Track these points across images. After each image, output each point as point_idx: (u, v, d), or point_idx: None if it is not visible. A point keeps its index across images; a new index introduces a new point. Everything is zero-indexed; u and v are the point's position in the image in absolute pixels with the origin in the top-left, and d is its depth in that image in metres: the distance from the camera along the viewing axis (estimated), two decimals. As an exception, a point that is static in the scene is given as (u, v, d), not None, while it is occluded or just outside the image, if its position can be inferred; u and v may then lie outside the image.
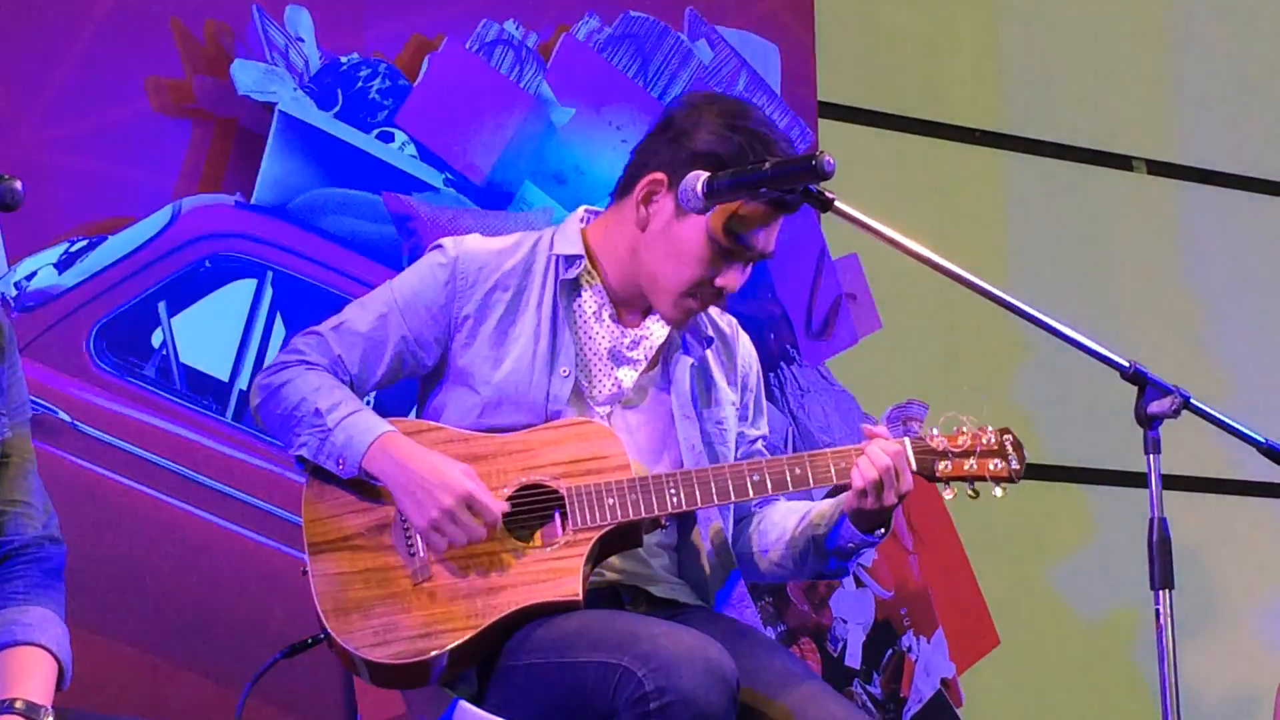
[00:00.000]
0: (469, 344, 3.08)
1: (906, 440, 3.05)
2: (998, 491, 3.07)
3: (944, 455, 3.05)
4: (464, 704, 2.94)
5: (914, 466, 3.04)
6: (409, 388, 3.34)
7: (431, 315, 3.08)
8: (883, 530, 3.08)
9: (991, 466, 3.06)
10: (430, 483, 2.91)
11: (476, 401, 3.06)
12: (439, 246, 3.14)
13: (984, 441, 3.07)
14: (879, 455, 2.98)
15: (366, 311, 3.10)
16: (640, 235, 3.08)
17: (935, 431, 3.07)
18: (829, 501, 3.14)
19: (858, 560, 3.20)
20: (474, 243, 3.15)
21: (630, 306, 3.14)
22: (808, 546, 3.15)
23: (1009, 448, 3.09)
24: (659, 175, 3.06)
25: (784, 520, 3.20)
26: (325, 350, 3.06)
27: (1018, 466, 3.09)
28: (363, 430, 2.96)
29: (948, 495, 3.07)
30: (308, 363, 3.03)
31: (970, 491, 3.07)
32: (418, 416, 3.16)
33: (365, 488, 2.99)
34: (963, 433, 3.07)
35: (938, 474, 3.05)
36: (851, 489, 2.99)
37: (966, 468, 3.06)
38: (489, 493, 2.93)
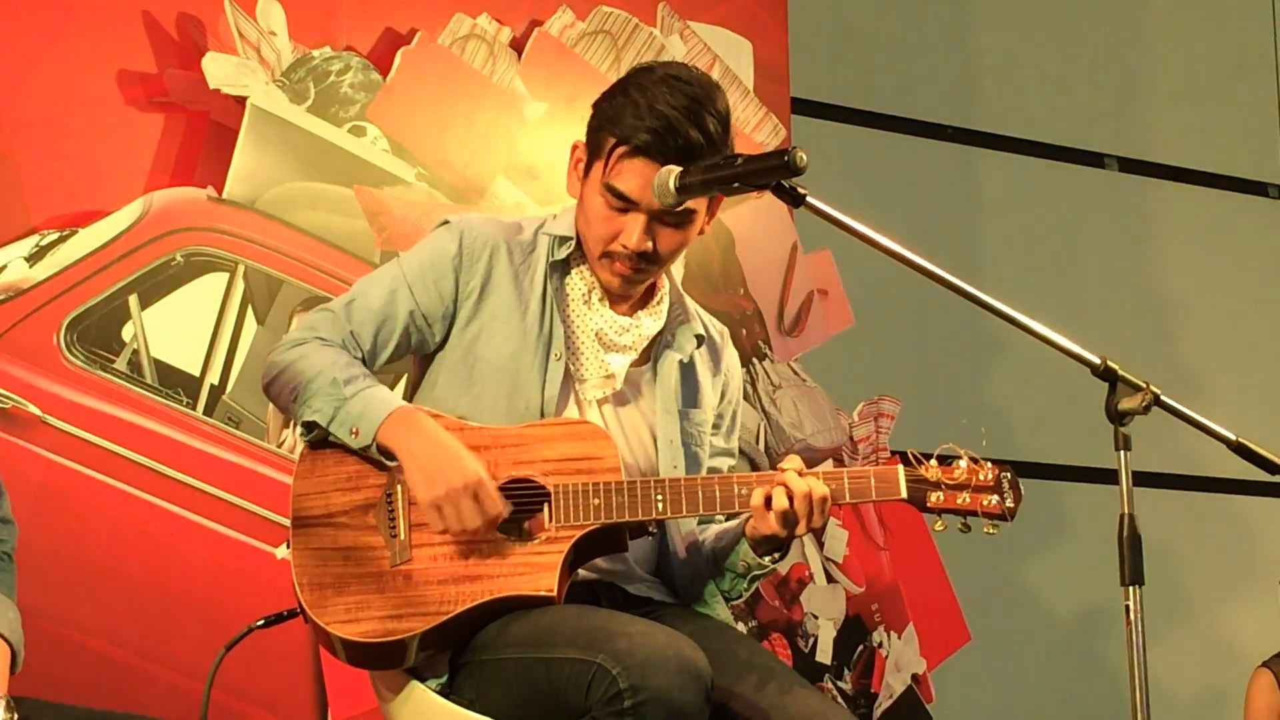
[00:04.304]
0: (471, 320, 3.09)
1: (900, 467, 3.03)
2: (989, 529, 3.05)
3: (937, 486, 3.03)
4: (423, 689, 2.94)
5: (904, 494, 3.02)
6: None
7: (439, 290, 3.09)
8: (778, 555, 3.07)
9: (985, 502, 3.04)
10: (444, 462, 2.92)
11: (473, 381, 3.07)
12: (446, 223, 3.16)
13: (980, 476, 3.05)
14: (800, 488, 2.96)
15: (377, 287, 3.11)
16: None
17: (932, 461, 3.05)
18: (736, 520, 3.15)
19: (754, 584, 3.17)
20: (480, 219, 3.17)
21: (626, 295, 3.15)
22: (706, 558, 3.16)
23: (1005, 484, 3.05)
24: (577, 142, 3.11)
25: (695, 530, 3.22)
26: (338, 327, 3.07)
27: (1012, 505, 3.04)
28: (381, 402, 2.97)
29: (938, 527, 3.04)
30: (322, 339, 3.05)
31: (961, 525, 3.05)
32: (412, 389, 3.16)
33: (356, 467, 3.00)
34: (959, 466, 3.05)
35: (929, 505, 3.03)
36: (770, 511, 2.97)
37: (959, 501, 3.03)
38: (497, 493, 2.94)
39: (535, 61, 4.93)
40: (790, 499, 2.95)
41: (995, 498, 3.04)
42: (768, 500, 2.96)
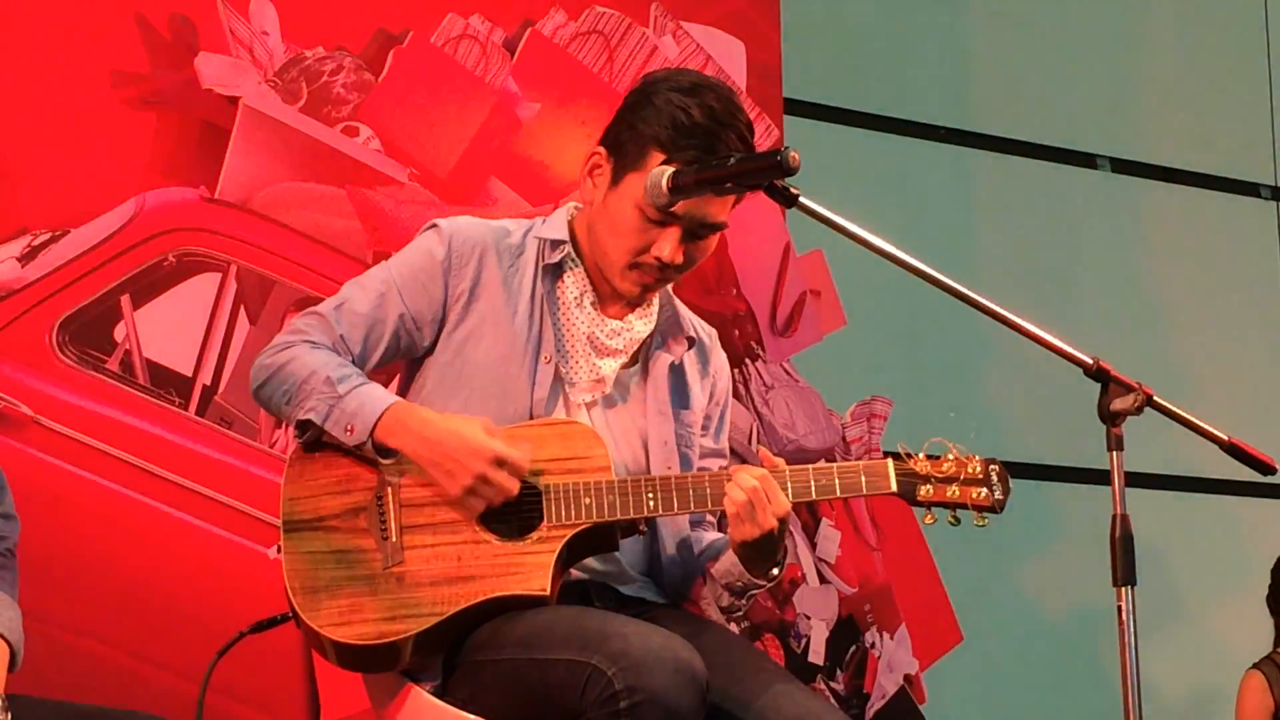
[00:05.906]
0: (460, 323, 3.08)
1: (890, 461, 3.04)
2: (979, 521, 3.07)
3: (927, 480, 3.05)
4: (418, 691, 2.94)
5: (894, 488, 3.03)
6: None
7: (429, 294, 3.08)
8: (775, 571, 3.08)
9: (974, 495, 3.06)
10: (458, 451, 2.91)
11: (462, 384, 3.06)
12: (434, 226, 3.14)
13: (969, 469, 3.07)
14: (745, 480, 2.96)
15: (366, 291, 3.09)
16: (591, 211, 3.10)
17: (921, 455, 3.06)
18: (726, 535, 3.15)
19: (751, 600, 3.17)
20: (468, 222, 3.15)
21: (616, 298, 3.14)
22: (701, 572, 3.16)
23: (994, 477, 3.07)
24: (599, 148, 3.08)
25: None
26: (327, 331, 3.05)
27: (1001, 497, 3.07)
28: (376, 399, 2.96)
29: (928, 520, 3.06)
30: (311, 342, 3.03)
31: (951, 518, 3.06)
32: (402, 393, 3.15)
33: (347, 471, 2.99)
34: (948, 459, 3.07)
35: (919, 498, 3.04)
36: (729, 518, 2.98)
37: (949, 494, 3.05)
38: (509, 446, 2.93)
39: (528, 61, 4.93)
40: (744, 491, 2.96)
41: (984, 490, 3.06)
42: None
